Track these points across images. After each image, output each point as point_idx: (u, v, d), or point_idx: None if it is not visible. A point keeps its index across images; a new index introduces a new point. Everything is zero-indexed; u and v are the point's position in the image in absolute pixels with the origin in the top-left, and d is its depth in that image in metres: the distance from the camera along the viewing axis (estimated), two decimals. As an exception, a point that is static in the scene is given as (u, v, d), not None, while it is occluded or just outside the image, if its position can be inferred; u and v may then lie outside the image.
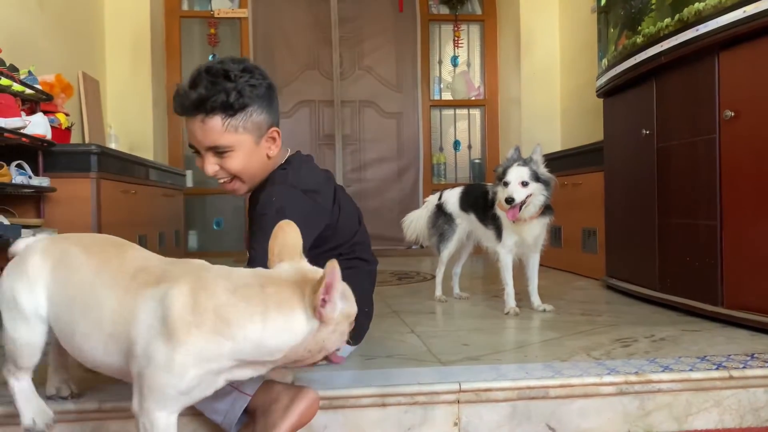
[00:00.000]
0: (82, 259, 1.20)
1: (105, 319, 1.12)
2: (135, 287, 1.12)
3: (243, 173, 1.57)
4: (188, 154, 5.41)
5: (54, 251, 1.24)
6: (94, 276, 1.17)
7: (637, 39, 2.63)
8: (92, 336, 1.14)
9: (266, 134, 1.58)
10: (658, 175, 2.58)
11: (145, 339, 1.06)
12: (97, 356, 1.16)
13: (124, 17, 4.70)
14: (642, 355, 1.75)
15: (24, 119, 2.58)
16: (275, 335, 1.05)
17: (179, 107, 1.51)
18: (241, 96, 1.48)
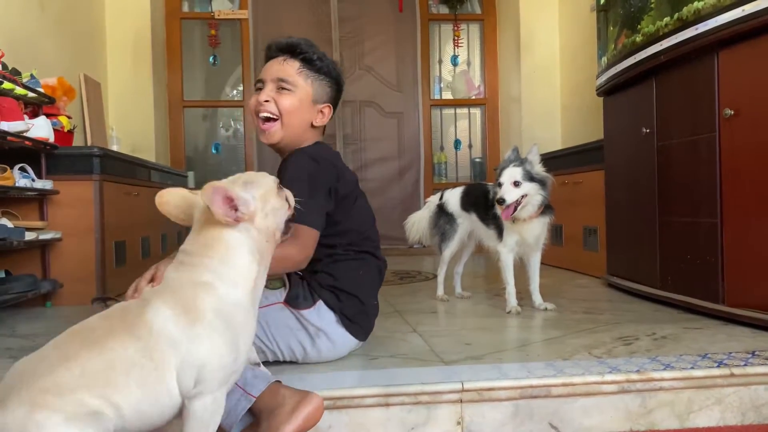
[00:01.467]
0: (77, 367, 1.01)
1: (145, 365, 1.04)
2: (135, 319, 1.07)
3: (287, 116, 1.72)
4: (190, 155, 5.42)
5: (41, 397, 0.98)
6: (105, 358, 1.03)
7: (636, 38, 2.63)
8: (153, 391, 1.05)
9: (322, 103, 1.78)
10: (658, 173, 2.59)
11: (185, 336, 1.07)
12: (166, 402, 1.07)
13: (125, 19, 4.71)
14: (643, 353, 1.76)
15: (27, 122, 2.59)
16: (234, 257, 1.15)
17: (270, 47, 1.76)
18: (323, 62, 1.75)
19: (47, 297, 2.86)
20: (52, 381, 0.99)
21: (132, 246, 3.40)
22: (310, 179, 1.60)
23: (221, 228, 1.15)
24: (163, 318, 1.07)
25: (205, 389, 1.08)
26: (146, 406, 1.04)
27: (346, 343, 1.73)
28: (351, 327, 1.71)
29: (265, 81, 1.74)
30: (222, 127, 5.59)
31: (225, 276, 1.14)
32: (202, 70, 5.51)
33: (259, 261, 1.19)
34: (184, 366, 1.06)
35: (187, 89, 5.42)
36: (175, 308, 1.08)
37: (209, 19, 5.37)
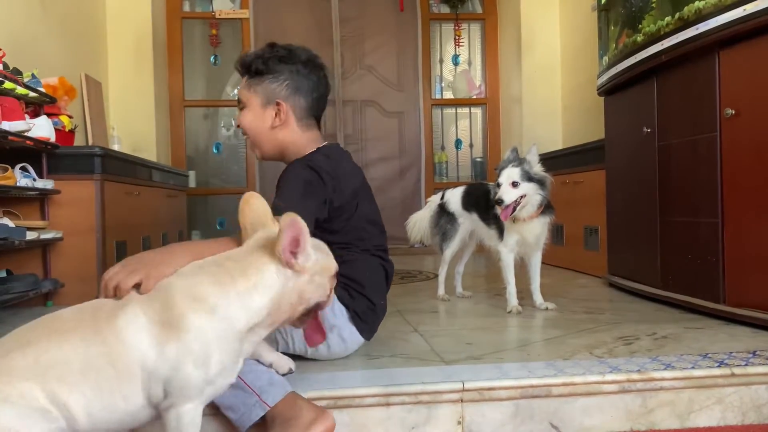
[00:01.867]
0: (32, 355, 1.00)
1: (105, 369, 1.02)
2: (105, 321, 1.05)
3: (249, 131, 1.75)
4: (190, 155, 5.43)
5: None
6: (62, 351, 1.01)
7: (637, 37, 2.63)
8: (107, 396, 1.02)
9: (272, 103, 1.73)
10: (659, 173, 2.59)
11: (155, 351, 1.04)
12: (121, 409, 1.04)
13: (125, 19, 4.72)
14: (644, 353, 1.76)
15: (28, 122, 2.60)
16: (253, 294, 1.11)
17: (238, 64, 1.79)
18: (262, 63, 1.71)
19: (48, 296, 2.86)
20: (4, 364, 0.98)
21: (133, 246, 3.40)
22: (305, 185, 1.59)
23: (269, 258, 1.13)
24: (136, 327, 1.04)
25: (176, 402, 1.06)
26: (100, 411, 1.01)
27: (354, 341, 1.73)
28: (360, 325, 1.72)
29: (240, 102, 1.79)
30: (223, 126, 5.60)
31: (234, 305, 1.10)
32: (203, 70, 5.51)
33: (270, 313, 1.14)
34: (151, 378, 1.04)
35: (188, 89, 5.43)
36: (154, 320, 1.05)
37: (210, 19, 5.38)
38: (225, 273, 1.11)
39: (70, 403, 0.99)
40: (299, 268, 1.13)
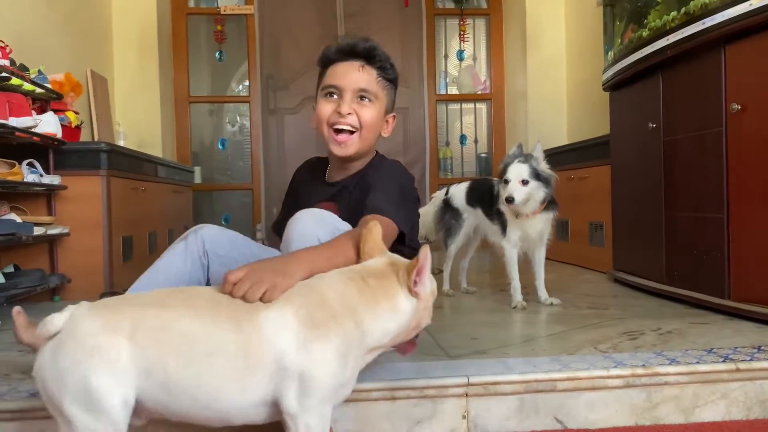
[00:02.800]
0: (165, 316, 1.03)
1: (234, 358, 1.01)
2: (245, 312, 1.05)
3: (366, 129, 1.62)
4: (196, 151, 5.44)
5: (119, 319, 1.00)
6: (193, 325, 1.02)
7: (643, 32, 2.63)
8: (224, 384, 1.01)
9: (390, 113, 1.71)
10: (664, 168, 2.59)
11: (296, 348, 1.03)
12: (233, 401, 1.02)
13: (131, 15, 4.72)
14: (649, 348, 1.77)
15: (35, 118, 2.61)
16: (390, 318, 1.16)
17: (343, 48, 1.62)
18: (394, 72, 1.68)
19: (55, 291, 2.88)
20: (135, 315, 1.00)
21: (139, 241, 3.42)
22: (401, 190, 1.58)
23: (398, 285, 1.18)
24: (283, 324, 1.04)
25: (309, 404, 1.04)
26: (206, 396, 1.00)
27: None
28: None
29: (343, 90, 1.59)
30: (228, 122, 5.60)
31: (374, 325, 1.14)
32: (208, 66, 5.51)
33: (393, 337, 1.19)
34: (284, 377, 1.03)
35: (194, 85, 5.43)
36: (304, 320, 1.05)
37: (215, 15, 5.37)
38: (369, 291, 1.15)
39: (177, 377, 0.99)
40: (421, 296, 1.19)
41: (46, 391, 0.97)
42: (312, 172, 1.82)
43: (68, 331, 0.98)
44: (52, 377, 0.96)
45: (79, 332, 0.97)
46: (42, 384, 0.98)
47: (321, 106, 1.62)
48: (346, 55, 1.62)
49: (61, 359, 0.96)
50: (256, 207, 5.35)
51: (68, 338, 0.98)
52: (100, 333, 0.97)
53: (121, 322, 0.99)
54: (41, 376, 0.97)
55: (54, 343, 0.97)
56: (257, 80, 5.38)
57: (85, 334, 0.97)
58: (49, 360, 0.97)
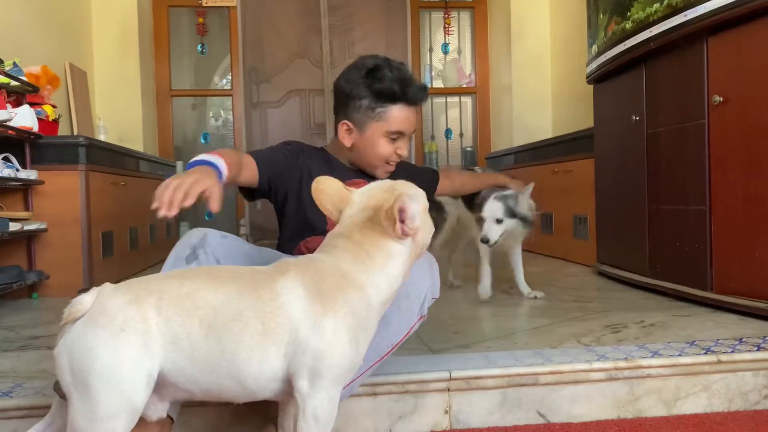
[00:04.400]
0: (189, 286, 1.04)
1: (252, 324, 1.02)
2: (263, 282, 1.06)
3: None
4: (178, 145, 5.38)
5: (145, 293, 1.02)
6: (216, 293, 1.03)
7: (626, 25, 2.62)
8: (244, 351, 1.01)
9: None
10: (647, 161, 2.59)
11: (309, 323, 1.03)
12: (252, 371, 1.02)
13: (111, 7, 4.65)
14: (632, 340, 1.76)
15: (9, 111, 2.56)
16: (389, 268, 1.13)
17: (415, 95, 1.63)
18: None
19: (33, 288, 2.83)
20: (160, 287, 1.03)
21: (119, 236, 3.37)
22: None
23: (382, 236, 1.13)
24: (295, 296, 1.04)
25: (320, 385, 1.03)
26: (227, 364, 1.01)
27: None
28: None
29: (405, 134, 1.66)
30: (212, 116, 5.55)
31: (376, 281, 1.12)
32: (190, 59, 5.45)
33: (406, 274, 1.17)
34: (298, 352, 1.02)
35: (175, 78, 5.37)
36: (312, 292, 1.05)
37: (197, 7, 5.31)
38: (362, 251, 1.12)
39: (201, 344, 1.00)
40: (413, 232, 1.14)
41: (73, 366, 0.97)
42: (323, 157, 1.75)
43: (98, 308, 0.99)
44: (80, 352, 0.97)
45: (109, 308, 0.99)
46: (69, 359, 0.97)
47: (383, 146, 1.64)
48: (413, 102, 1.64)
49: (91, 334, 0.97)
50: (240, 201, 5.30)
51: (99, 314, 0.99)
52: (129, 307, 0.99)
53: (147, 295, 1.01)
54: (69, 351, 0.98)
55: (84, 320, 0.99)
56: (240, 73, 5.33)
57: (115, 309, 0.99)
58: (80, 336, 0.98)
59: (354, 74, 1.64)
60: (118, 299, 1.00)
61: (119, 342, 0.97)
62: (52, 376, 1.57)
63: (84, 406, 0.96)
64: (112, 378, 0.96)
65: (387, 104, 1.61)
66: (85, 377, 0.96)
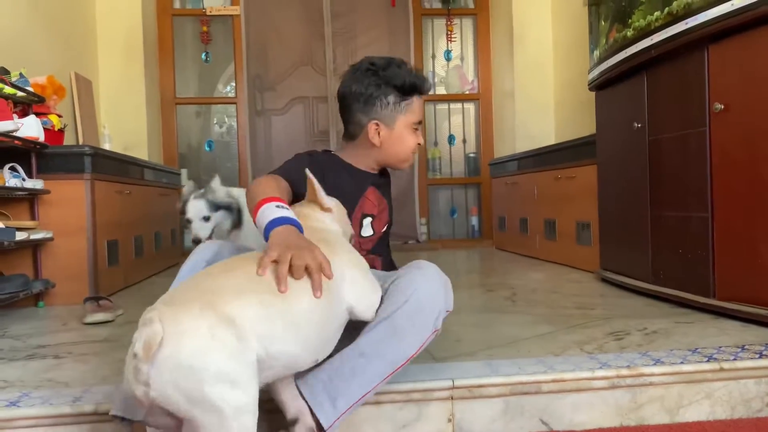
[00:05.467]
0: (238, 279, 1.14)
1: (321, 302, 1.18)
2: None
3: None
4: (183, 153, 5.40)
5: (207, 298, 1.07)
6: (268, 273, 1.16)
7: (627, 32, 2.63)
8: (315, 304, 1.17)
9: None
10: (650, 167, 2.59)
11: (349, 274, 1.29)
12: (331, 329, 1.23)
13: (115, 16, 4.69)
14: (634, 348, 1.77)
15: (16, 122, 2.58)
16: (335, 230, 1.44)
17: (430, 85, 1.82)
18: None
19: (39, 297, 2.85)
20: (212, 287, 1.10)
21: (125, 245, 3.39)
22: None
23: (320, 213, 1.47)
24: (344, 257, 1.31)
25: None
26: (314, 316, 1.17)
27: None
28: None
29: (422, 123, 1.81)
30: (216, 123, 5.58)
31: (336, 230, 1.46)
32: (194, 67, 5.49)
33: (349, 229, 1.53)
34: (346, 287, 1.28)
35: (180, 86, 5.40)
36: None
37: (201, 16, 5.34)
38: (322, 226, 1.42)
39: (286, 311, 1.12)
40: (330, 207, 1.46)
41: (184, 391, 0.98)
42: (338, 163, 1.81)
43: (174, 331, 0.99)
44: (186, 375, 0.97)
45: (186, 326, 1.00)
46: (176, 388, 0.98)
47: (410, 137, 1.77)
48: (427, 91, 1.78)
49: (185, 355, 0.98)
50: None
51: (180, 336, 0.99)
52: (204, 315, 1.02)
53: (210, 298, 1.05)
54: (173, 381, 0.97)
55: (169, 349, 0.98)
56: (244, 81, 5.36)
57: (192, 323, 1.01)
58: (176, 362, 0.97)
59: (367, 76, 1.71)
60: (189, 315, 1.02)
61: (215, 346, 1.00)
62: (59, 384, 1.59)
63: (213, 418, 0.99)
64: (227, 380, 0.99)
65: (410, 96, 1.72)
66: (201, 394, 0.98)
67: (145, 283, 3.62)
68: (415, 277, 1.41)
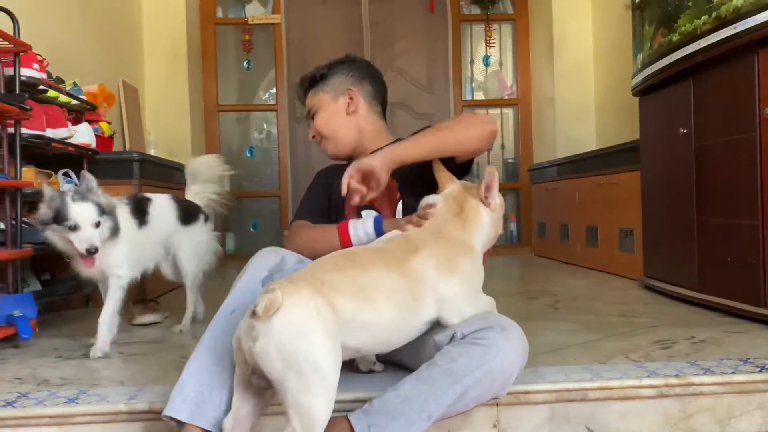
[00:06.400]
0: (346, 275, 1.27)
1: (404, 296, 1.32)
2: (402, 261, 1.35)
3: (325, 129, 1.82)
4: (224, 158, 5.49)
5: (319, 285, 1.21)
6: (370, 278, 1.29)
7: (673, 37, 2.60)
8: (398, 317, 1.31)
9: (343, 93, 1.81)
10: (696, 174, 2.55)
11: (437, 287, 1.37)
12: (411, 326, 1.35)
13: (161, 26, 4.82)
14: (682, 357, 1.74)
15: (70, 129, 2.67)
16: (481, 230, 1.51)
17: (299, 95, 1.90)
18: (325, 68, 1.84)
19: (89, 298, 2.94)
20: (323, 277, 1.24)
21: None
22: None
23: (476, 202, 1.51)
24: (427, 267, 1.36)
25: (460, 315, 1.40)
26: (393, 326, 1.31)
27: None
28: None
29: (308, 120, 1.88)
30: (255, 130, 5.67)
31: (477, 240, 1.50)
32: (236, 75, 5.59)
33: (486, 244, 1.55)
34: (434, 301, 1.37)
35: (222, 93, 5.51)
36: (439, 261, 1.38)
37: (243, 25, 5.45)
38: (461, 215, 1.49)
39: (372, 318, 1.26)
40: (493, 207, 1.52)
41: (284, 353, 1.12)
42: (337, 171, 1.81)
43: (290, 301, 1.15)
44: (290, 338, 1.13)
45: (300, 299, 1.16)
46: (277, 348, 1.12)
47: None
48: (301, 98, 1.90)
49: (297, 321, 1.14)
50: (284, 214, 5.40)
51: (294, 306, 1.15)
52: (316, 296, 1.18)
53: (321, 285, 1.21)
54: (276, 341, 1.12)
55: (283, 314, 1.13)
56: (284, 88, 5.44)
57: (306, 299, 1.17)
58: (281, 326, 1.13)
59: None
60: (303, 293, 1.18)
61: (319, 321, 1.15)
62: (114, 383, 1.65)
63: (303, 382, 1.12)
64: (323, 349, 1.15)
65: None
66: (298, 359, 1.12)
67: (188, 286, 3.70)
68: (496, 340, 1.33)
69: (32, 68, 2.44)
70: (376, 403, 1.29)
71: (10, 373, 1.77)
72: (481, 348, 1.31)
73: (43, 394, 1.54)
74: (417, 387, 1.30)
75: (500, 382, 1.34)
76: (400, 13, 5.50)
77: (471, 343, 1.33)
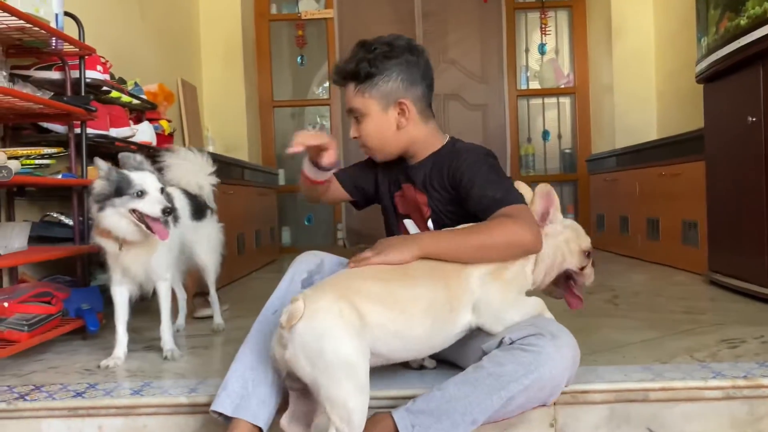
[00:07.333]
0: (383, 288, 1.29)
1: (443, 308, 1.33)
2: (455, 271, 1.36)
3: (373, 140, 1.66)
4: (279, 154, 5.59)
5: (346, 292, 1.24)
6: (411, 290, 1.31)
7: (740, 21, 2.48)
8: (435, 326, 1.32)
9: (394, 104, 1.60)
10: (766, 164, 2.43)
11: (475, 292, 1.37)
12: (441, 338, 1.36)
13: (217, 24, 4.92)
14: (751, 357, 1.67)
15: (132, 128, 2.76)
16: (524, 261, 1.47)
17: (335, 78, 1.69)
18: (369, 65, 1.58)
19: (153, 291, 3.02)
20: (357, 286, 1.26)
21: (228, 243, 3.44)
22: (492, 169, 1.57)
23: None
24: (475, 276, 1.37)
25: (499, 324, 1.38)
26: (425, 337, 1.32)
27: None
28: None
29: (349, 111, 1.67)
30: (309, 125, 5.73)
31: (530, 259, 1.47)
32: (290, 70, 5.66)
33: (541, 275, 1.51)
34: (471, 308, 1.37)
35: (276, 89, 5.59)
36: (490, 269, 1.38)
37: (296, 20, 5.51)
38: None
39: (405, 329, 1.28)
40: (548, 230, 1.48)
41: (310, 357, 1.17)
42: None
43: (312, 308, 1.18)
44: (314, 342, 1.17)
45: (322, 306, 1.19)
46: (304, 353, 1.17)
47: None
48: (336, 83, 1.70)
49: (319, 326, 1.18)
50: (337, 207, 5.44)
51: (316, 312, 1.18)
52: (340, 301, 1.20)
53: (350, 293, 1.23)
54: (302, 347, 1.17)
55: (306, 321, 1.17)
56: (337, 82, 5.46)
57: (329, 304, 1.20)
58: (308, 331, 1.18)
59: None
60: (326, 298, 1.21)
61: (341, 322, 1.18)
62: (175, 375, 1.70)
63: (333, 379, 1.16)
64: (348, 346, 1.17)
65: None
66: (324, 359, 1.16)
67: (246, 278, 3.78)
68: (546, 348, 1.29)
69: (96, 70, 2.53)
70: (419, 401, 1.29)
71: (80, 364, 1.85)
72: (530, 355, 1.28)
73: (110, 386, 1.61)
74: (462, 389, 1.28)
75: (548, 391, 1.31)
76: (453, 3, 5.44)
77: (519, 349, 1.30)
